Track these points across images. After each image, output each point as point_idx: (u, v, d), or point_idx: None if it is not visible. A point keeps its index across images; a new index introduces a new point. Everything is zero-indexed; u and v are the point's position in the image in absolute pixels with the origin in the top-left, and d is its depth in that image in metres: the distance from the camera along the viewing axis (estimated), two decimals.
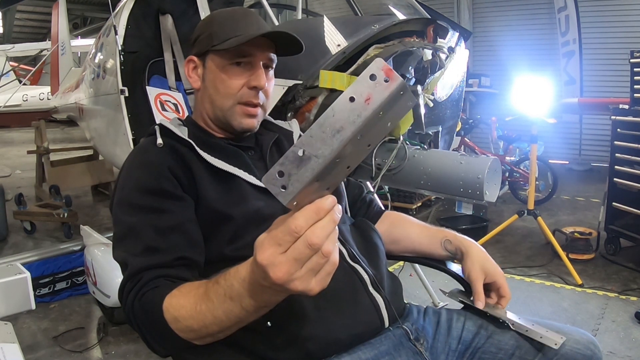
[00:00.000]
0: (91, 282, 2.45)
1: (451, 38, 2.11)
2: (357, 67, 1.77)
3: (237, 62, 0.98)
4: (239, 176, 0.95)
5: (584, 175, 5.90)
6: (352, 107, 0.53)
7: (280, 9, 4.25)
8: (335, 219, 0.58)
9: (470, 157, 1.79)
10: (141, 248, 0.86)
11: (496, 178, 1.75)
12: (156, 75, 2.89)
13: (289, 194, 0.55)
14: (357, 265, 0.98)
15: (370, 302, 0.96)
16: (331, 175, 0.55)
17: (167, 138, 0.98)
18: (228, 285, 0.70)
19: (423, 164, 1.87)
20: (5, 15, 13.34)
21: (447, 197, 2.08)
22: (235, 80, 0.98)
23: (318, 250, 0.58)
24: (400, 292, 1.09)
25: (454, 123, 2.36)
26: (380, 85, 0.53)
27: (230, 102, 0.99)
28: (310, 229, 0.57)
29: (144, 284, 0.83)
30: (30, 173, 5.49)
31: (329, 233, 0.58)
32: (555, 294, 2.69)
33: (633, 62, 3.00)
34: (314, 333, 0.89)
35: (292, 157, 0.54)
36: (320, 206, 0.57)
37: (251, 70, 0.99)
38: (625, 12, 5.80)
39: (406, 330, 0.98)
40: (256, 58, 0.99)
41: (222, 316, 0.72)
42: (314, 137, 0.54)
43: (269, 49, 1.00)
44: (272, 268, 0.60)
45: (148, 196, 0.90)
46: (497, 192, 1.77)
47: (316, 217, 0.57)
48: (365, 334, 0.94)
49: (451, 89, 2.09)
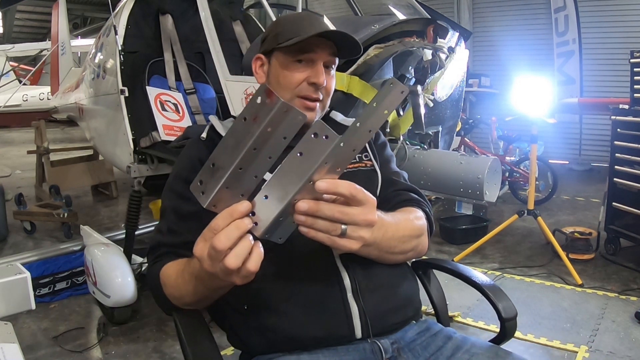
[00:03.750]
0: (91, 282, 2.45)
1: (451, 38, 2.11)
2: (357, 67, 1.78)
3: (299, 59, 1.03)
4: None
5: (584, 175, 5.90)
6: (245, 126, 0.64)
7: (281, 9, 4.25)
8: (239, 226, 0.68)
9: (470, 157, 1.79)
10: (165, 228, 1.03)
11: (496, 178, 1.76)
12: (156, 75, 2.90)
13: (206, 198, 0.68)
14: (345, 269, 0.97)
15: (343, 309, 0.94)
16: (240, 183, 0.67)
17: (214, 132, 1.10)
18: (194, 267, 0.84)
19: (423, 164, 1.88)
20: (5, 15, 13.34)
21: (447, 197, 2.08)
22: (296, 74, 1.04)
23: (220, 253, 0.68)
24: (403, 307, 1.03)
25: (454, 123, 2.36)
26: (264, 106, 0.63)
27: (290, 95, 1.04)
28: (217, 235, 0.68)
29: (156, 256, 1.01)
30: (30, 173, 5.48)
31: (233, 238, 0.68)
32: (555, 294, 2.69)
33: (633, 62, 3.00)
34: (277, 325, 0.94)
35: (207, 168, 0.66)
36: (233, 209, 0.68)
37: (312, 67, 1.04)
38: (625, 12, 5.79)
39: (379, 347, 0.95)
40: (316, 56, 1.03)
41: (192, 290, 0.88)
42: (220, 151, 0.66)
43: (329, 49, 1.04)
44: (201, 260, 0.73)
45: (179, 183, 1.04)
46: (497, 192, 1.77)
47: (230, 218, 0.68)
48: (329, 339, 0.94)
49: (451, 89, 2.10)
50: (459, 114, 2.41)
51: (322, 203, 0.71)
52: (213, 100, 3.05)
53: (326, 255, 0.97)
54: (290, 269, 0.96)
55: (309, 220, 0.72)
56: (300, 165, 0.67)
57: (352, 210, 0.73)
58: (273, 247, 0.96)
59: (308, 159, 0.67)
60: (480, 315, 2.43)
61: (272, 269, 0.94)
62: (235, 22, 3.30)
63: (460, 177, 1.74)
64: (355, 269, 0.98)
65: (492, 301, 1.04)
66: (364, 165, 1.12)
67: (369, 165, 1.12)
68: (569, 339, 2.21)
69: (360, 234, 0.76)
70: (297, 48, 1.02)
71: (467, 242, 3.37)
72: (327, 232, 0.73)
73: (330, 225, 0.73)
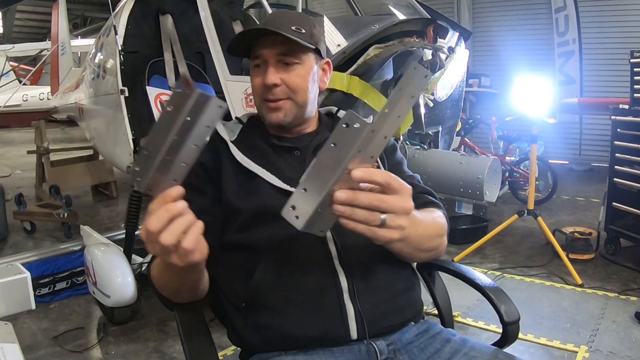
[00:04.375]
0: (91, 282, 2.45)
1: (451, 38, 2.11)
2: (357, 67, 1.78)
3: (256, 64, 1.07)
4: (260, 175, 1.02)
5: (584, 175, 5.89)
6: (168, 115, 0.67)
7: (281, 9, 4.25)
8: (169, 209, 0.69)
9: (470, 157, 1.79)
10: None
11: (496, 178, 1.76)
12: (156, 75, 2.89)
13: (141, 183, 0.70)
14: (342, 270, 0.97)
15: (339, 309, 0.94)
16: (170, 170, 0.69)
17: (216, 133, 1.09)
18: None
19: (423, 164, 1.88)
20: (5, 15, 13.34)
21: (447, 197, 2.08)
22: (255, 79, 1.07)
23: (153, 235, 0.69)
24: (403, 308, 1.02)
25: (454, 123, 2.37)
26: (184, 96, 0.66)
27: (258, 99, 1.09)
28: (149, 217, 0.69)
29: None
30: (30, 173, 5.48)
31: (163, 220, 0.68)
32: (555, 294, 2.69)
33: (633, 62, 3.00)
34: (272, 323, 0.95)
35: (142, 155, 0.69)
36: (166, 194, 0.69)
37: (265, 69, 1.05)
38: (625, 12, 5.79)
39: (375, 349, 0.95)
40: (265, 57, 1.05)
41: (166, 279, 0.91)
42: (150, 139, 0.68)
43: (279, 46, 1.04)
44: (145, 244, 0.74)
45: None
46: (497, 192, 1.77)
47: (162, 202, 0.69)
48: (324, 339, 0.94)
49: (451, 89, 2.10)
50: (459, 114, 2.41)
51: (360, 192, 0.72)
52: None
53: (325, 256, 0.98)
54: (289, 268, 0.96)
55: (348, 210, 0.71)
56: (335, 155, 0.70)
57: (389, 198, 0.74)
58: (275, 246, 0.96)
59: (342, 149, 0.69)
60: (480, 315, 2.43)
61: (271, 267, 0.96)
62: (235, 22, 3.30)
63: (460, 177, 1.74)
64: (353, 270, 0.97)
65: (494, 304, 1.03)
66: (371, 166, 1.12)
67: (375, 167, 1.12)
68: (569, 339, 2.21)
69: (399, 223, 0.75)
70: (252, 54, 1.06)
71: (467, 242, 3.36)
72: (366, 222, 0.73)
73: (369, 215, 0.73)
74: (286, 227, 0.73)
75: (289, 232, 0.76)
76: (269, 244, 0.97)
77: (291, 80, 1.05)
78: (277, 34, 1.01)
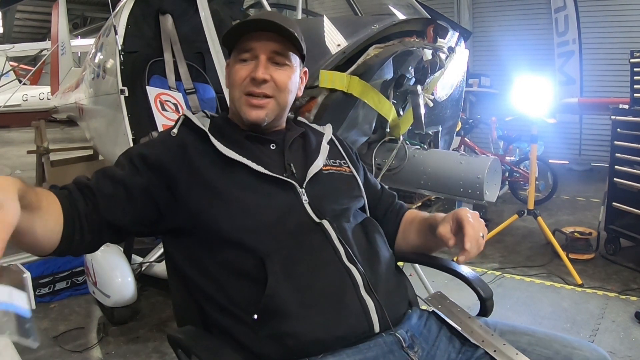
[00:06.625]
0: (91, 282, 2.45)
1: (451, 38, 2.11)
2: (357, 67, 1.77)
3: (243, 58, 1.06)
4: (243, 163, 1.02)
5: (584, 175, 5.90)
6: None
7: (281, 9, 4.25)
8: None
9: (470, 157, 1.79)
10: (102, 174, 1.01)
11: (496, 178, 1.75)
12: (156, 75, 2.89)
13: None
14: (352, 266, 0.97)
15: (360, 305, 0.94)
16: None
17: (186, 128, 1.08)
18: None
19: (423, 164, 1.87)
20: (5, 15, 13.34)
21: (447, 197, 2.08)
22: (240, 72, 1.06)
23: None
24: (404, 296, 1.08)
25: (454, 123, 2.36)
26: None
27: (238, 93, 1.07)
28: None
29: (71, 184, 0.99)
30: (30, 173, 5.48)
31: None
32: (555, 294, 2.69)
33: (633, 62, 3.01)
34: (295, 330, 0.90)
35: None
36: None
37: (255, 63, 1.05)
38: (625, 12, 5.79)
39: (399, 338, 0.96)
40: (257, 51, 1.05)
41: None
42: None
43: (274, 44, 1.04)
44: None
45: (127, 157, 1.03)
46: (497, 192, 1.77)
47: None
48: (351, 337, 0.93)
49: (451, 89, 2.09)
50: (459, 114, 2.41)
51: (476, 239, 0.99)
52: (213, 100, 3.04)
53: (333, 254, 0.98)
54: (299, 272, 0.95)
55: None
56: None
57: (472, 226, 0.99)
58: (281, 249, 0.95)
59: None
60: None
61: (282, 273, 0.93)
62: (235, 22, 3.29)
63: (460, 177, 1.74)
64: (362, 264, 0.99)
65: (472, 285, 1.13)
66: (344, 170, 1.16)
67: (347, 171, 1.17)
68: None
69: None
70: (240, 47, 1.06)
71: None
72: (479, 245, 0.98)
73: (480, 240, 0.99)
74: (283, 222, 0.72)
75: (290, 228, 0.75)
76: (275, 247, 0.95)
77: (280, 78, 1.06)
78: (282, 28, 1.02)
